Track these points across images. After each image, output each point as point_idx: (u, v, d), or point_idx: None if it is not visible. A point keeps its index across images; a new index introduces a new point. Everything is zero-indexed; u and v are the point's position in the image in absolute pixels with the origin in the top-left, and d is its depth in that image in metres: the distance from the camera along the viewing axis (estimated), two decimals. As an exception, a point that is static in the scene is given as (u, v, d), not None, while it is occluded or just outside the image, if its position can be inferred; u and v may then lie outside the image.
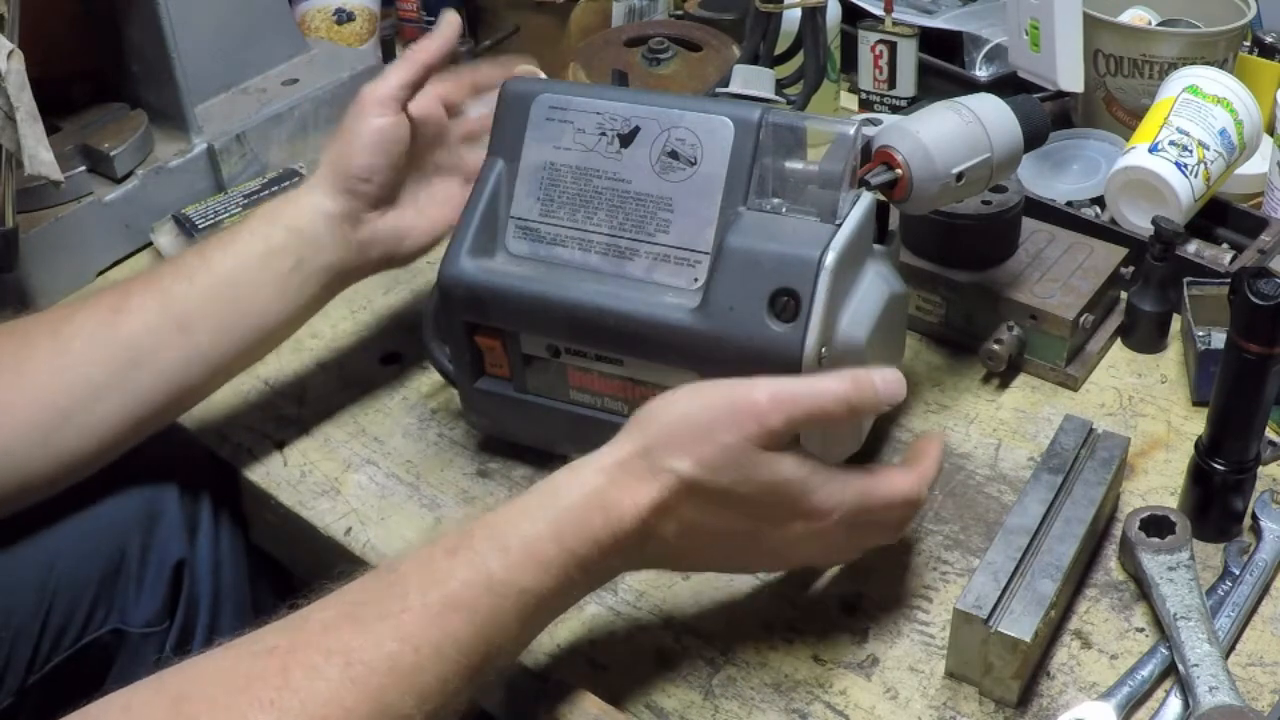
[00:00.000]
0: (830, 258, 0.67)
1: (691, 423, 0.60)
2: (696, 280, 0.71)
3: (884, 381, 0.63)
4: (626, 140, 0.73)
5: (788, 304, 0.67)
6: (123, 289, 0.77)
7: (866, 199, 0.71)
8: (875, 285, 0.73)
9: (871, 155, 0.72)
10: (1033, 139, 0.76)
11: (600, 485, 0.59)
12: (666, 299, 0.71)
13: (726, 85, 0.88)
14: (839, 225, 0.69)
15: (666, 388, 0.64)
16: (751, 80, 0.87)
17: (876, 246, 0.74)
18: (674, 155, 0.72)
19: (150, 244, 1.07)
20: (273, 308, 0.78)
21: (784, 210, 0.71)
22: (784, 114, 0.72)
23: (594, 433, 0.64)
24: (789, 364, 0.67)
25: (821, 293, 0.66)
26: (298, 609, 0.56)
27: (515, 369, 0.78)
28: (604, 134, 0.74)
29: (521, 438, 0.82)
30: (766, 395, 0.60)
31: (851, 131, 0.70)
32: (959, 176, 0.72)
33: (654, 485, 0.59)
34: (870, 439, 0.79)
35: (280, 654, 0.52)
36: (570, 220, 0.74)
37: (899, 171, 0.71)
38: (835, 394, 0.61)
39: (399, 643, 0.53)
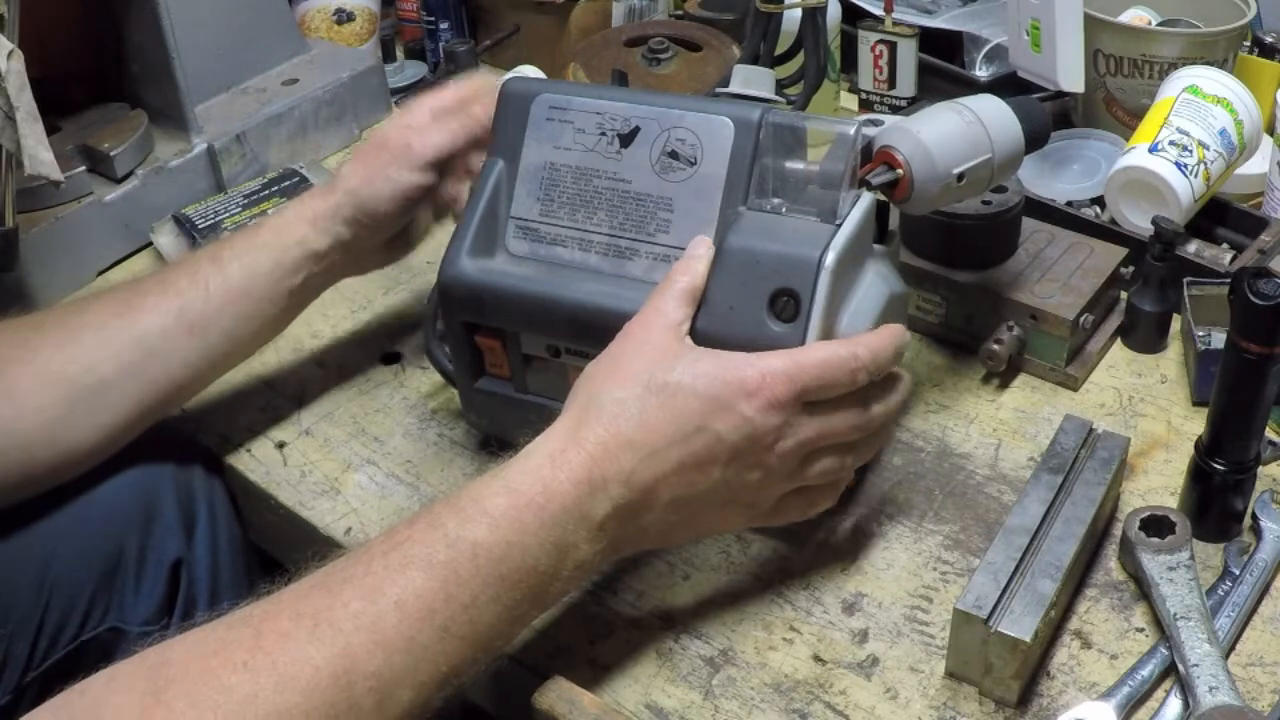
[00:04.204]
0: (830, 258, 0.67)
1: (604, 361, 0.64)
2: (696, 280, 0.71)
3: (693, 247, 0.69)
4: (626, 140, 0.73)
5: (788, 304, 0.67)
6: (134, 287, 0.79)
7: (866, 199, 0.71)
8: (875, 285, 0.72)
9: (872, 155, 0.72)
10: (1034, 140, 0.76)
11: (548, 446, 0.61)
12: (666, 299, 0.71)
13: (726, 85, 0.88)
14: (839, 225, 0.69)
15: None
16: (751, 80, 0.87)
17: (876, 246, 0.74)
18: (674, 155, 0.72)
19: (150, 244, 1.07)
20: (278, 314, 0.82)
21: (784, 210, 0.71)
22: (784, 114, 0.72)
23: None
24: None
25: (821, 293, 0.66)
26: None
27: (515, 369, 0.78)
28: (604, 134, 0.74)
29: (521, 438, 0.82)
30: (645, 309, 0.66)
31: (852, 131, 0.70)
32: (960, 177, 0.72)
33: (595, 424, 0.61)
34: (870, 439, 0.79)
35: (254, 621, 0.54)
36: (570, 220, 0.74)
37: (900, 172, 0.71)
38: (678, 279, 0.66)
39: (362, 600, 0.55)
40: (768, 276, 0.67)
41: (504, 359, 0.78)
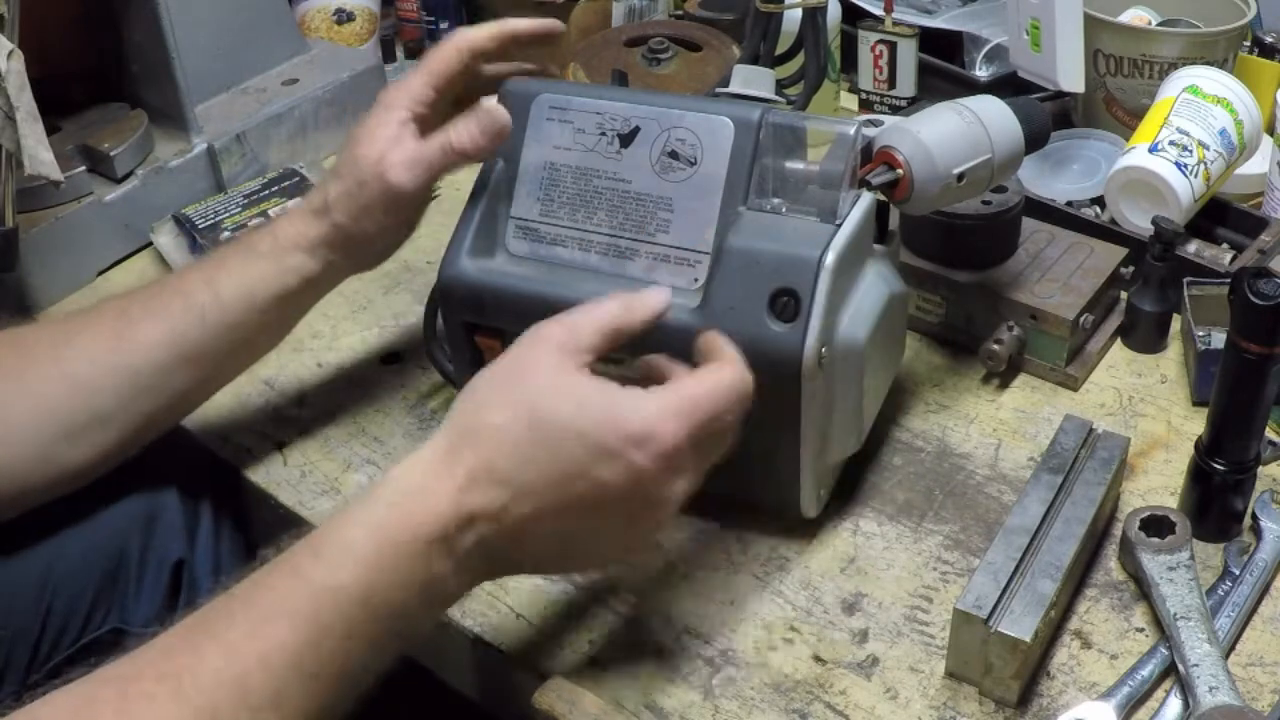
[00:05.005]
0: (830, 258, 0.67)
1: (493, 376, 0.60)
2: (697, 280, 0.71)
3: (650, 292, 0.63)
4: (626, 140, 0.73)
5: (788, 304, 0.67)
6: (126, 312, 0.76)
7: (866, 199, 0.71)
8: (875, 285, 0.73)
9: (872, 155, 0.72)
10: (1034, 141, 0.76)
11: (416, 473, 0.57)
12: (666, 299, 0.71)
13: (726, 85, 0.88)
14: (839, 225, 0.69)
15: None
16: (751, 80, 0.87)
17: (876, 246, 0.74)
18: (674, 155, 0.72)
19: (150, 244, 1.07)
20: (275, 335, 0.81)
21: (784, 210, 0.71)
22: (784, 114, 0.72)
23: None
24: (789, 364, 0.67)
25: (821, 293, 0.66)
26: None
27: (515, 369, 0.78)
28: (604, 134, 0.74)
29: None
30: (551, 321, 0.61)
31: (852, 131, 0.70)
32: (960, 177, 0.72)
33: (469, 453, 0.57)
34: (871, 439, 0.79)
35: (121, 682, 0.53)
36: (570, 220, 0.74)
37: (900, 172, 0.71)
38: (610, 307, 0.62)
39: (225, 658, 0.53)
40: (768, 276, 0.67)
41: (504, 359, 0.78)
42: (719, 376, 0.60)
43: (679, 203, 0.72)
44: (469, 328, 0.77)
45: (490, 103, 0.74)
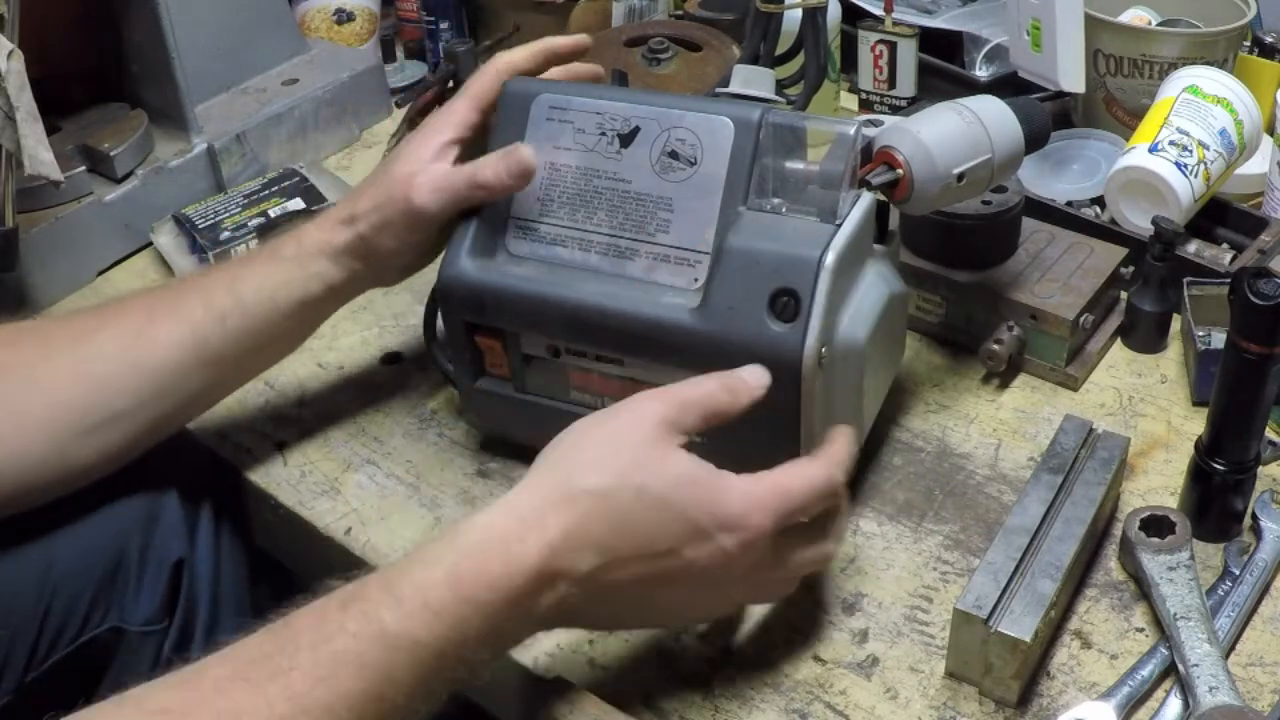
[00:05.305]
0: (830, 258, 0.67)
1: (591, 439, 0.61)
2: (696, 280, 0.71)
3: (749, 373, 0.65)
4: (626, 140, 0.73)
5: (788, 304, 0.67)
6: (147, 310, 0.76)
7: (866, 199, 0.71)
8: (875, 285, 0.73)
9: (872, 155, 0.72)
10: (1034, 141, 0.76)
11: (504, 526, 0.57)
12: (666, 299, 0.71)
13: (726, 85, 0.88)
14: (839, 225, 0.69)
15: None
16: (751, 80, 0.87)
17: (876, 246, 0.74)
18: (674, 155, 0.72)
19: (150, 244, 1.07)
20: (293, 342, 0.82)
21: (784, 210, 0.71)
22: (784, 114, 0.72)
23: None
24: (789, 364, 0.67)
25: (821, 293, 0.66)
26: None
27: (515, 369, 0.78)
28: (604, 134, 0.74)
29: (521, 438, 0.83)
30: (656, 395, 0.62)
31: (852, 131, 0.70)
32: (960, 177, 0.72)
33: (565, 514, 0.57)
34: (871, 439, 0.79)
35: (173, 718, 0.52)
36: (570, 220, 0.74)
37: (900, 172, 0.71)
38: (714, 390, 0.63)
39: (289, 703, 0.52)
40: (768, 276, 0.67)
41: (504, 359, 0.78)
42: (814, 472, 0.63)
43: (679, 203, 0.72)
44: (469, 328, 0.77)
45: (521, 146, 0.74)
